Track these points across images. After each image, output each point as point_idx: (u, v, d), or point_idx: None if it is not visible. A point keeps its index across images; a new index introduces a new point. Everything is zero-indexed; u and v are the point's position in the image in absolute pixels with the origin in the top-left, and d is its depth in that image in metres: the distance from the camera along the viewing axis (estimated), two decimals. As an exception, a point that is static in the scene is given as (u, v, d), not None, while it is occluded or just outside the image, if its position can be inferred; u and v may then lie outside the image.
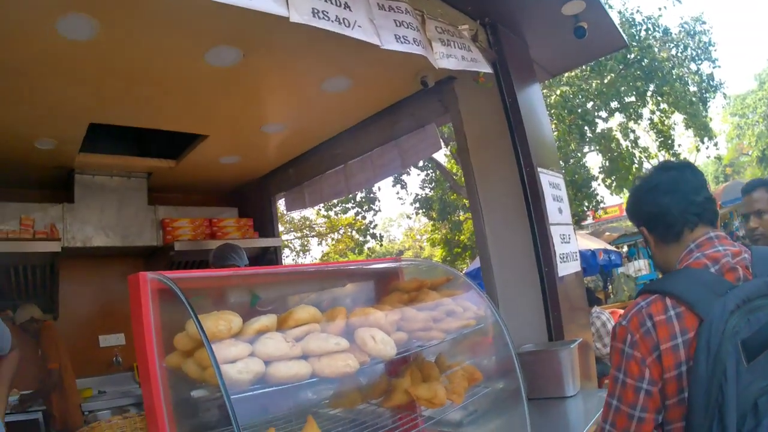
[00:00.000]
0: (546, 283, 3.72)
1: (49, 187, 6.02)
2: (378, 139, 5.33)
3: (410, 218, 31.23)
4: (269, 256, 6.84)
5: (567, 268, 3.87)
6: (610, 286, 14.85)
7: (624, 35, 4.84)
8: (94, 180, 5.93)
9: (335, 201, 17.63)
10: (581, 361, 3.42)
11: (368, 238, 19.53)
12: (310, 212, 21.59)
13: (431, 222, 21.05)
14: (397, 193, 18.03)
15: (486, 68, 3.47)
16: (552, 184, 3.92)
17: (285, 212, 11.46)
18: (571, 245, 4.02)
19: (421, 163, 17.22)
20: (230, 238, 6.43)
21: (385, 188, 39.37)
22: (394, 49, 2.75)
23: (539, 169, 3.79)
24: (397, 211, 46.93)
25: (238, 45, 3.51)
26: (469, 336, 2.05)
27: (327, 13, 2.44)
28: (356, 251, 21.54)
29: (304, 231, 22.12)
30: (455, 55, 3.22)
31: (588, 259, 10.88)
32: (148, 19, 3.08)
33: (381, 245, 22.18)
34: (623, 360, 1.39)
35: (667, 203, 1.52)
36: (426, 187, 18.86)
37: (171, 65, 3.74)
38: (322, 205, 17.26)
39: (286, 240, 21.22)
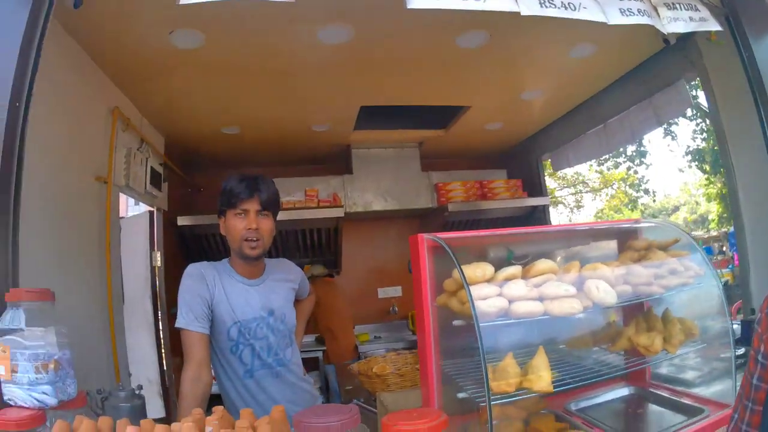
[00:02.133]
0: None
1: (328, 162, 7.04)
2: (632, 98, 5.31)
3: (682, 171, 28.78)
4: (537, 215, 7.10)
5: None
6: None
7: None
8: (370, 153, 6.79)
9: (607, 155, 17.09)
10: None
11: (641, 193, 18.78)
12: (583, 167, 20.77)
13: (705, 176, 19.38)
14: (668, 145, 16.73)
15: (715, 26, 3.33)
16: (802, 138, 3.68)
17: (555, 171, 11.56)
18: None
19: (689, 112, 15.91)
20: (500, 198, 6.90)
21: (655, 140, 36.72)
22: (621, 23, 2.85)
23: (786, 123, 3.56)
24: (670, 164, 43.49)
25: (485, 28, 3.86)
26: (696, 295, 2.29)
27: (552, 1, 2.69)
28: (630, 207, 20.79)
29: (578, 187, 21.53)
30: (682, 18, 3.19)
31: None
32: (399, 18, 3.47)
33: (654, 201, 21.01)
34: (752, 335, 1.51)
35: None
36: (697, 137, 17.06)
37: (425, 52, 4.21)
38: (595, 159, 16.86)
39: (560, 196, 20.77)
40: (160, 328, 4.95)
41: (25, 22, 2.44)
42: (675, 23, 3.14)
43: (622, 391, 2.59)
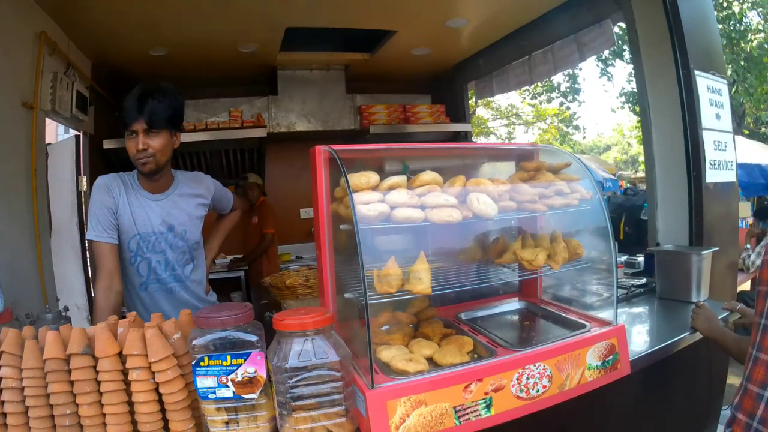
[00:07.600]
0: (692, 187, 3.80)
1: (254, 83, 7.05)
2: (557, 32, 5.51)
3: (615, 112, 29.05)
4: (460, 141, 7.28)
5: (717, 176, 3.90)
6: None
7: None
8: (296, 74, 6.88)
9: (540, 90, 17.56)
10: (716, 272, 3.52)
11: (572, 129, 19.05)
12: (516, 100, 21.10)
13: (638, 118, 19.59)
14: (603, 85, 17.10)
15: None
16: (711, 88, 3.91)
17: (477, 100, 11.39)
18: (726, 153, 4.01)
19: (627, 56, 16.17)
20: (423, 122, 7.11)
21: (590, 79, 37.55)
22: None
23: (697, 72, 3.78)
24: (605, 104, 44.18)
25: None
26: (587, 218, 2.43)
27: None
28: (561, 142, 21.08)
29: (511, 118, 21.79)
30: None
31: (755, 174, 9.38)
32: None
33: (584, 138, 21.17)
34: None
35: None
36: (632, 80, 17.13)
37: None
38: (528, 93, 17.29)
39: (493, 127, 20.87)
40: (88, 255, 4.96)
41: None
42: None
43: (512, 306, 2.80)
